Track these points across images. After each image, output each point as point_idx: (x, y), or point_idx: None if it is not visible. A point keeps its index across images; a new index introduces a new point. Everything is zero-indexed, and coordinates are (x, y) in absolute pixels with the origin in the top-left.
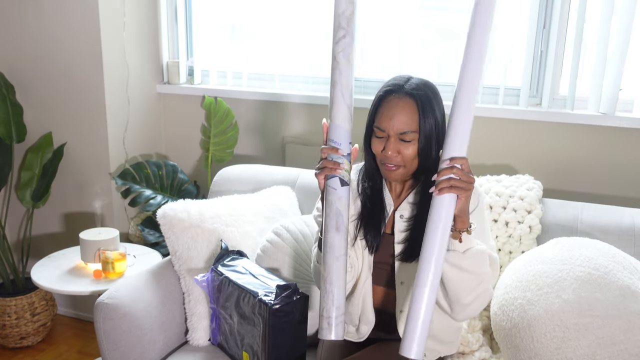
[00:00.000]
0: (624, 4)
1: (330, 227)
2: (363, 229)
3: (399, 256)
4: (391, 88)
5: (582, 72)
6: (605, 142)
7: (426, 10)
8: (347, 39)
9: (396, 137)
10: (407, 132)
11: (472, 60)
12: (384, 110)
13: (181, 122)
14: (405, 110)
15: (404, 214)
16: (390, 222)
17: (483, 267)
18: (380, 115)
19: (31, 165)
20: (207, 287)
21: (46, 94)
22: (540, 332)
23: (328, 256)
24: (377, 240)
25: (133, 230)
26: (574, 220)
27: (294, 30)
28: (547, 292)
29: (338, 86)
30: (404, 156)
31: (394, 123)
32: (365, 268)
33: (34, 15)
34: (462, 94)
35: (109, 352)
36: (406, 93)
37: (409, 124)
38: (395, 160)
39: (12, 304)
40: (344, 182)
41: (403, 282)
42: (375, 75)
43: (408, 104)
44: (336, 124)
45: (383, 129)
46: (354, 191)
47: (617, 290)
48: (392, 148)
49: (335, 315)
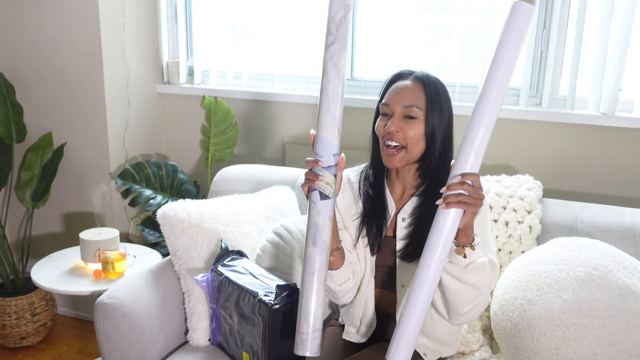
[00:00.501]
0: (624, 4)
1: (309, 242)
2: (365, 230)
3: (400, 259)
4: (401, 72)
5: (582, 72)
6: (605, 142)
7: (426, 10)
8: (337, 45)
9: (400, 114)
10: (413, 106)
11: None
12: (392, 89)
13: (181, 122)
14: (413, 89)
15: (405, 217)
16: (392, 224)
17: (484, 279)
18: (387, 93)
19: (31, 165)
20: (207, 287)
21: (46, 94)
22: (540, 332)
23: (304, 270)
24: (379, 240)
25: (133, 230)
26: (574, 220)
27: (294, 30)
28: (547, 292)
29: (325, 95)
30: (407, 135)
31: (399, 97)
32: (368, 271)
33: (34, 16)
34: (483, 106)
35: (109, 352)
36: (416, 77)
37: (414, 100)
38: (397, 137)
39: (12, 304)
40: (324, 195)
41: (404, 285)
42: (375, 75)
43: (417, 85)
44: (321, 136)
45: (388, 103)
46: (355, 193)
47: (617, 290)
48: (395, 124)
49: (309, 331)
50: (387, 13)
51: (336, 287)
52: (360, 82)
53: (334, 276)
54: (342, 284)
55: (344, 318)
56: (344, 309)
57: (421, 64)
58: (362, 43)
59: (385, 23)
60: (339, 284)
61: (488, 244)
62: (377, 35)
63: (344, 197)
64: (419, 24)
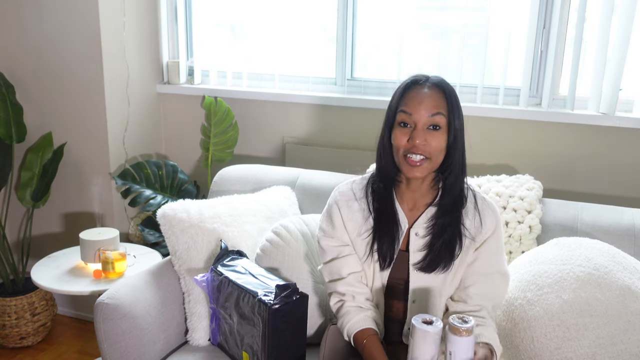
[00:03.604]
0: (624, 4)
1: None
2: (377, 246)
3: (416, 269)
4: (416, 78)
5: (582, 72)
6: (605, 142)
7: (426, 10)
8: None
9: (424, 125)
10: (438, 114)
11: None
12: (411, 96)
13: (181, 122)
14: (434, 97)
15: (419, 232)
16: (405, 239)
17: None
18: (406, 101)
19: (31, 165)
20: (206, 287)
21: (46, 94)
22: (540, 332)
23: None
24: (391, 257)
25: (133, 230)
26: (574, 220)
27: (294, 30)
28: (547, 292)
29: None
30: (431, 147)
31: (424, 106)
32: (378, 282)
33: (34, 16)
34: None
35: (109, 352)
36: (434, 83)
37: (439, 108)
38: (423, 149)
39: (12, 304)
40: None
41: (415, 300)
42: (374, 75)
43: (437, 92)
44: None
45: (410, 112)
46: (364, 210)
47: (617, 290)
48: (420, 136)
49: None
50: (387, 13)
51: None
52: (360, 82)
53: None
54: None
55: None
56: None
57: (421, 64)
58: (362, 43)
59: (385, 23)
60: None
61: (503, 258)
62: (377, 35)
63: (352, 218)
64: (419, 24)
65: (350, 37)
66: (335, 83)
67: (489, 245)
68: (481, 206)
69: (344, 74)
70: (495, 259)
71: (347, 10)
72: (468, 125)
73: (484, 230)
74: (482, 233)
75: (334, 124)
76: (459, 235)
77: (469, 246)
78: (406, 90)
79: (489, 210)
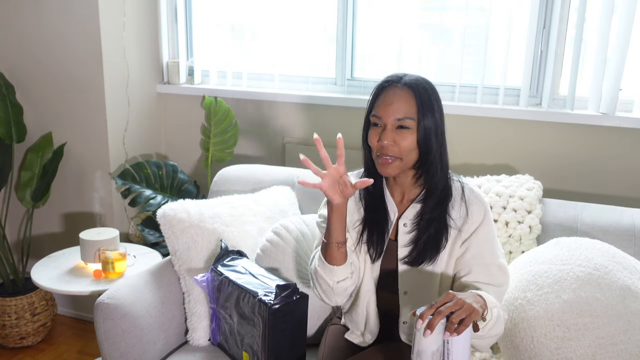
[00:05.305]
0: (624, 4)
1: None
2: (367, 236)
3: (402, 263)
4: (389, 79)
5: (582, 72)
6: (605, 142)
7: (425, 10)
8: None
9: (393, 126)
10: (405, 118)
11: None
12: (382, 99)
13: (181, 122)
14: (403, 98)
15: (407, 223)
16: (394, 229)
17: (501, 326)
18: (377, 104)
19: (31, 165)
20: (206, 287)
21: (46, 93)
22: (540, 332)
23: None
24: (381, 247)
25: (133, 230)
26: (574, 220)
27: (294, 30)
28: (547, 292)
29: None
30: (400, 147)
31: (391, 109)
32: (368, 275)
33: (34, 16)
34: None
35: (109, 352)
36: (405, 84)
37: (406, 111)
38: (391, 150)
39: (12, 304)
40: None
41: (407, 291)
42: (374, 75)
43: (407, 93)
44: None
45: (380, 116)
46: (356, 198)
47: (617, 290)
48: (389, 137)
49: None
50: (387, 13)
51: (333, 283)
52: (360, 82)
53: (335, 272)
54: (339, 282)
55: (348, 324)
56: (347, 314)
57: (420, 64)
58: (362, 43)
59: (385, 23)
60: (336, 280)
61: (496, 250)
62: (377, 35)
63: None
64: (418, 24)
65: (350, 37)
66: (335, 83)
67: (478, 236)
68: (468, 197)
69: (344, 74)
70: (488, 251)
71: (347, 10)
72: (468, 125)
73: (470, 221)
74: (468, 223)
75: (334, 124)
76: (445, 227)
77: (456, 238)
78: (379, 92)
79: (475, 200)
